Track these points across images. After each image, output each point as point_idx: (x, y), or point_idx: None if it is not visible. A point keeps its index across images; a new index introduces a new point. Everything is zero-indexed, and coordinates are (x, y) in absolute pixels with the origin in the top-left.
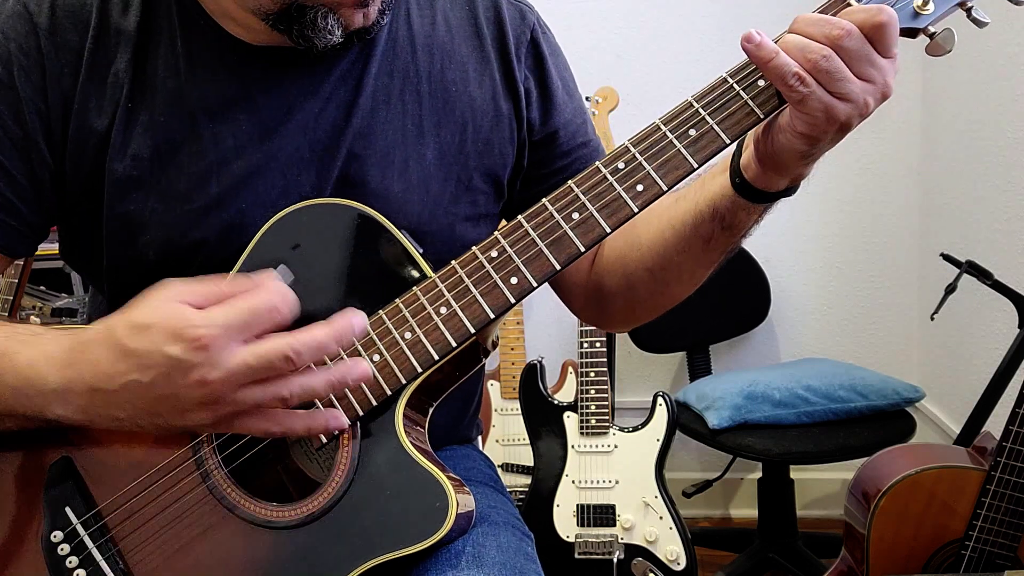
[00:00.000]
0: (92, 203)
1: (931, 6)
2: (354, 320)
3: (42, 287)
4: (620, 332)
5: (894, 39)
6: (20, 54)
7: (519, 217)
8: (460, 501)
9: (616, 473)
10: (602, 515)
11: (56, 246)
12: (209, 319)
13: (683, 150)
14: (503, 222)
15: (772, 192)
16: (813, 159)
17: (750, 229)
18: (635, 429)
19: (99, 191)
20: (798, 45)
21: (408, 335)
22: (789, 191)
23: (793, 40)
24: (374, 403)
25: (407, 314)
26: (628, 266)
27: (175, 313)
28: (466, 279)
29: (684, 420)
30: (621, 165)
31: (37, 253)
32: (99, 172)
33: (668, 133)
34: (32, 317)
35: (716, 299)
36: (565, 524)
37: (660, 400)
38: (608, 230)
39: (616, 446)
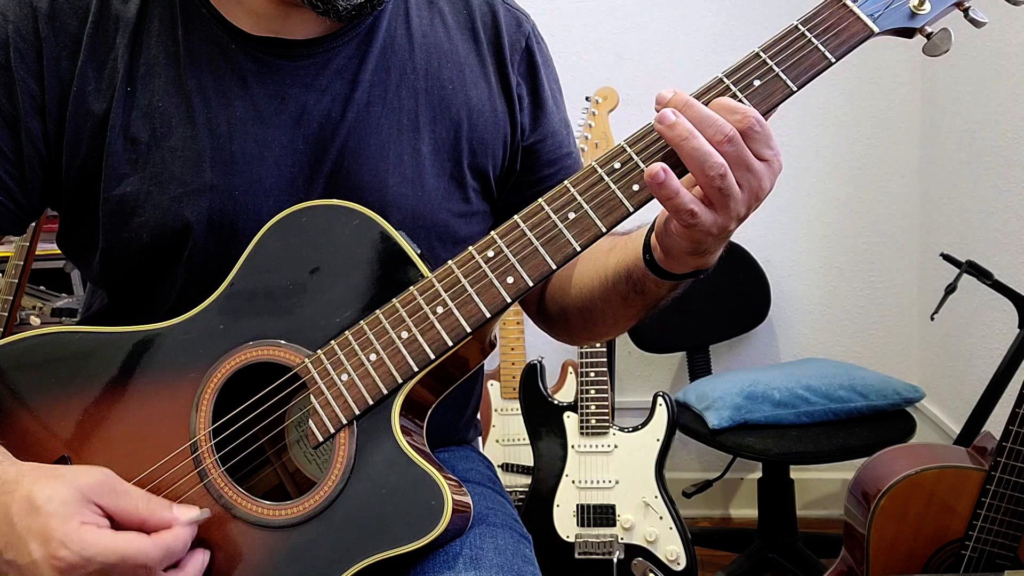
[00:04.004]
0: (89, 186)
1: (927, 6)
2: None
3: (42, 287)
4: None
5: (767, 142)
6: (17, 37)
7: (515, 217)
8: (456, 501)
9: (616, 473)
10: (602, 515)
11: (55, 247)
12: (81, 544)
13: None
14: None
15: (677, 274)
16: (709, 254)
17: (663, 300)
18: (635, 429)
19: (96, 174)
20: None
21: (405, 334)
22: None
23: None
24: (371, 402)
25: (403, 313)
26: (564, 300)
27: (63, 515)
28: (462, 279)
29: (684, 420)
30: (617, 165)
31: (37, 253)
32: (97, 155)
33: None
34: (32, 317)
35: (716, 299)
36: (565, 524)
37: (660, 400)
38: (604, 230)
39: (616, 446)
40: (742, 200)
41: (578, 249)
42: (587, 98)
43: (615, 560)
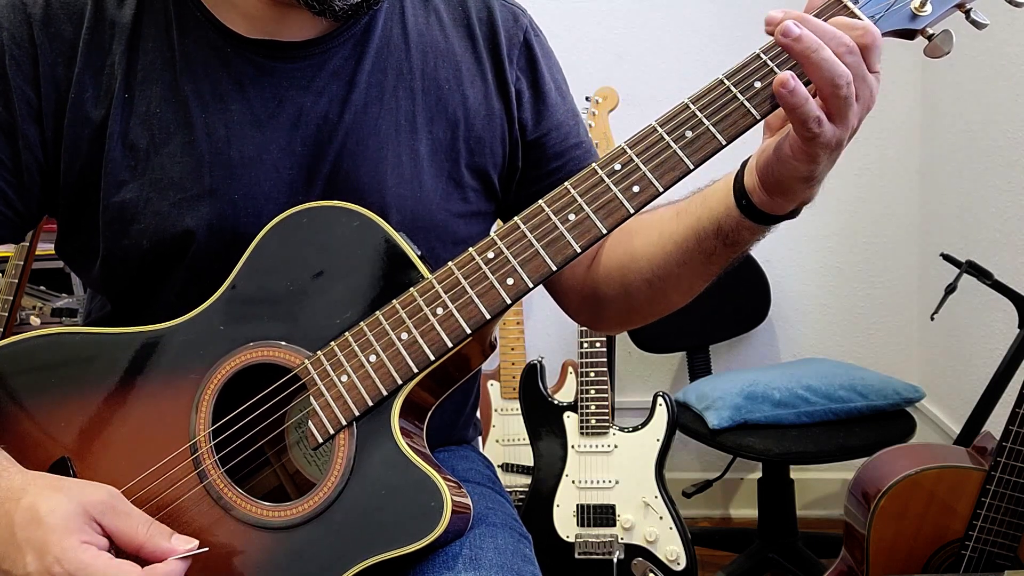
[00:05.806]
0: (88, 193)
1: (928, 7)
2: None
3: (42, 287)
4: (613, 334)
5: (879, 56)
6: (12, 44)
7: (516, 218)
8: (456, 502)
9: (616, 473)
10: (602, 515)
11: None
12: (76, 563)
13: (679, 151)
14: (498, 223)
15: (776, 215)
16: (816, 182)
17: (752, 244)
18: (635, 429)
19: (95, 181)
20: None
21: (405, 336)
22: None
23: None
24: (370, 404)
25: (404, 315)
26: (627, 276)
27: (64, 529)
28: (463, 280)
29: (684, 420)
30: (617, 167)
31: (37, 253)
32: (96, 162)
33: (665, 135)
34: (32, 317)
35: (716, 299)
36: (565, 524)
37: (660, 400)
38: (604, 231)
39: (616, 446)
40: (857, 112)
41: (578, 251)
42: (587, 98)
43: (615, 560)
